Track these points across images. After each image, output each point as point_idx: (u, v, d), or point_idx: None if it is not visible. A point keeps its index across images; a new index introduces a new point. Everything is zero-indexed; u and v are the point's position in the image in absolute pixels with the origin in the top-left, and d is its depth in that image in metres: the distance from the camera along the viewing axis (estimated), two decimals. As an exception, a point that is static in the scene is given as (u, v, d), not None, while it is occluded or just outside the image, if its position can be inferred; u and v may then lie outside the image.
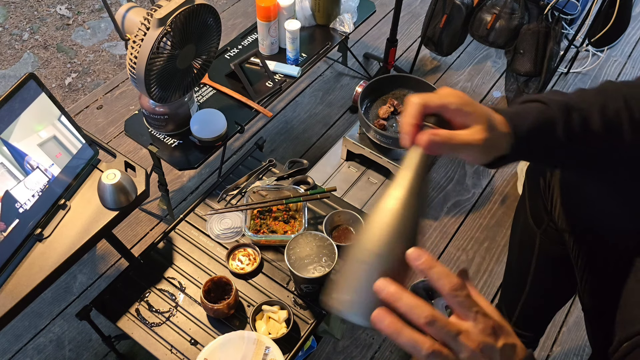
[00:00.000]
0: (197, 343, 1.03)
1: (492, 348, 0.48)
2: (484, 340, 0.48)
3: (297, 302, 1.10)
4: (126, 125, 1.39)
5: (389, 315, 0.48)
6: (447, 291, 0.48)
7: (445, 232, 1.61)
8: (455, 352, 0.47)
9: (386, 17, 2.30)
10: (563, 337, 1.43)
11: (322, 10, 1.64)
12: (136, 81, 1.14)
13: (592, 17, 1.75)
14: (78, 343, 1.36)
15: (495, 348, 0.48)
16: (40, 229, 1.04)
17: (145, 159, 1.72)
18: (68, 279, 1.47)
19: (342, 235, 1.20)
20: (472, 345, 0.47)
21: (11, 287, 0.97)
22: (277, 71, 1.54)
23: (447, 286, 0.49)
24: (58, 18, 2.30)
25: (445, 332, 0.47)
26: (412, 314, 0.47)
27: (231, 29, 2.20)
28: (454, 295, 0.48)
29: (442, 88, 0.60)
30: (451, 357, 0.47)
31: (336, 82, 2.04)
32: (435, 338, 0.47)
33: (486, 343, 0.48)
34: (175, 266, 1.15)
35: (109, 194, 1.07)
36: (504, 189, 1.73)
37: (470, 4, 1.80)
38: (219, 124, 1.33)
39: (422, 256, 0.51)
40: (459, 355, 0.47)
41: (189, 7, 1.10)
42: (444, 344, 0.47)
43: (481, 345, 0.47)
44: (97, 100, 1.94)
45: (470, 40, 2.18)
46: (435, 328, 0.47)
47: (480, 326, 0.48)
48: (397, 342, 0.47)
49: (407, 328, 0.47)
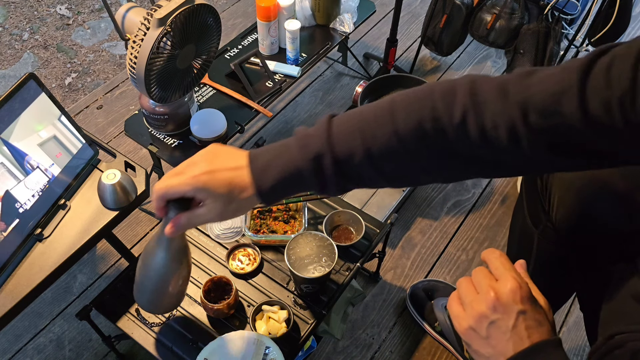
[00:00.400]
0: (197, 343, 1.03)
1: (485, 318, 0.58)
2: (482, 310, 0.58)
3: (297, 302, 1.10)
4: (126, 125, 1.39)
5: None
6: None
7: (445, 232, 1.61)
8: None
9: (386, 17, 2.30)
10: (563, 337, 1.43)
11: (322, 10, 1.64)
12: (136, 81, 1.14)
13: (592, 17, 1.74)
14: (78, 343, 1.36)
15: (489, 319, 0.58)
16: (40, 229, 1.04)
17: (145, 159, 1.72)
18: (68, 279, 1.47)
19: (342, 235, 1.20)
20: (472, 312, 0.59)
21: (11, 287, 0.97)
22: (277, 71, 1.54)
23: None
24: (58, 18, 2.30)
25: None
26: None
27: (231, 29, 2.20)
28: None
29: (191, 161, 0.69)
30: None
31: (336, 82, 2.04)
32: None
33: (482, 312, 0.58)
34: (175, 266, 1.15)
35: (109, 194, 1.07)
36: (504, 189, 1.73)
37: (470, 4, 1.80)
38: (219, 124, 1.33)
39: None
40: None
41: (189, 7, 1.10)
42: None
43: (475, 313, 0.59)
44: (97, 100, 1.94)
45: (470, 40, 2.18)
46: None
47: (483, 297, 0.58)
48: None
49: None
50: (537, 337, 0.56)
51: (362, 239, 1.18)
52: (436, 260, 1.55)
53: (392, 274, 1.51)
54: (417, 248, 1.57)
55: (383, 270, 1.52)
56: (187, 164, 0.67)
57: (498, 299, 0.57)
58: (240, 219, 1.20)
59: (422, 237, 1.60)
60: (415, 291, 1.42)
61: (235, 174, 0.65)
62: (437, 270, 1.53)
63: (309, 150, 0.63)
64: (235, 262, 1.14)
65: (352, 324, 1.41)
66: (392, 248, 1.56)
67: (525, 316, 0.56)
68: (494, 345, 0.58)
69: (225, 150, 0.68)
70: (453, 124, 0.59)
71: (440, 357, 1.36)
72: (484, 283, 0.59)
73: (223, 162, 0.66)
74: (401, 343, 1.39)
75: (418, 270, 1.53)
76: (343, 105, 1.96)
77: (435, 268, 1.53)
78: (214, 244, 1.18)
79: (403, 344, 1.38)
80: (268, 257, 1.16)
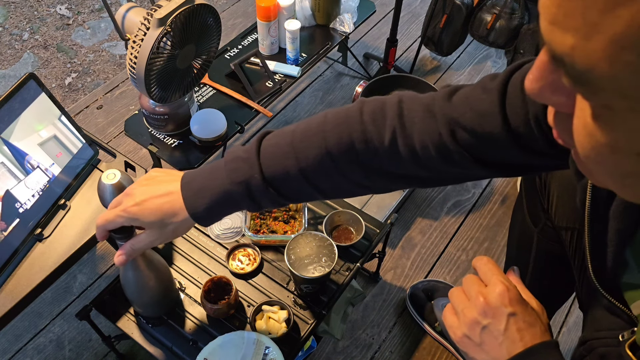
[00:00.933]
0: (197, 343, 1.03)
1: (477, 324, 0.58)
2: (473, 316, 0.58)
3: (297, 302, 1.10)
4: (126, 125, 1.39)
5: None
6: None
7: (445, 232, 1.61)
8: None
9: (386, 17, 2.30)
10: (563, 338, 1.43)
11: (322, 10, 1.64)
12: (136, 81, 1.14)
13: (592, 17, 1.75)
14: (78, 343, 1.36)
15: (480, 324, 0.58)
16: (40, 229, 1.04)
17: (145, 159, 1.72)
18: (68, 279, 1.47)
19: (342, 235, 1.20)
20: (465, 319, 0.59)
21: (11, 287, 0.97)
22: (277, 71, 1.54)
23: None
24: (58, 18, 2.30)
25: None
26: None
27: (231, 29, 2.20)
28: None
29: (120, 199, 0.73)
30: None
31: (336, 82, 2.04)
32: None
33: (473, 319, 0.58)
34: (175, 266, 1.15)
35: (109, 194, 1.07)
36: (504, 189, 1.73)
37: (470, 4, 1.80)
38: (219, 124, 1.33)
39: None
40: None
41: (189, 7, 1.10)
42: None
43: (468, 320, 0.59)
44: (97, 100, 1.94)
45: (470, 40, 2.18)
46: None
47: (473, 303, 0.59)
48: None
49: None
50: (529, 339, 0.56)
51: (362, 239, 1.18)
52: (436, 260, 1.55)
53: (392, 274, 1.51)
54: (417, 248, 1.57)
55: (383, 270, 1.52)
56: (124, 194, 0.72)
57: (487, 304, 0.57)
58: (240, 219, 1.20)
59: (422, 237, 1.60)
60: (414, 292, 1.42)
61: (164, 201, 0.68)
62: (437, 270, 1.53)
63: (238, 175, 0.65)
64: (235, 262, 1.14)
65: (352, 324, 1.41)
66: (392, 248, 1.56)
67: (516, 318, 0.57)
68: (488, 350, 0.58)
69: (160, 178, 0.71)
70: (384, 145, 0.61)
71: (440, 357, 1.36)
72: (473, 289, 0.60)
73: (155, 190, 0.69)
74: (401, 343, 1.39)
75: (418, 270, 1.53)
76: (343, 105, 1.96)
77: (435, 268, 1.53)
78: (214, 244, 1.18)
79: (403, 344, 1.38)
80: (268, 257, 1.16)
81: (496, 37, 1.79)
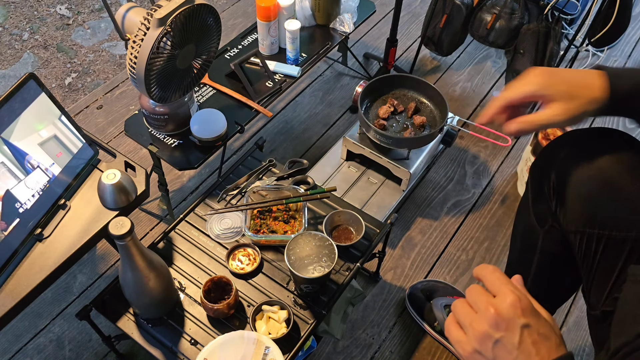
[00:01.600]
0: (197, 343, 1.03)
1: (489, 338, 0.54)
2: (484, 329, 0.54)
3: (297, 302, 1.10)
4: (126, 125, 1.39)
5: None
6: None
7: (445, 232, 1.61)
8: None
9: (386, 17, 2.30)
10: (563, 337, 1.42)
11: (322, 10, 1.64)
12: (136, 81, 1.14)
13: (592, 17, 1.75)
14: (78, 343, 1.36)
15: (492, 338, 0.54)
16: (40, 229, 1.04)
17: (145, 159, 1.72)
18: (68, 279, 1.47)
19: (342, 235, 1.20)
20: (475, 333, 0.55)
21: (11, 287, 0.97)
22: (277, 71, 1.54)
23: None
24: (58, 18, 2.30)
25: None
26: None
27: (231, 29, 2.20)
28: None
29: (530, 71, 0.71)
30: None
31: (336, 82, 2.04)
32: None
33: (484, 332, 0.54)
34: (175, 266, 1.15)
35: (109, 194, 1.07)
36: (504, 189, 1.73)
37: (470, 4, 1.80)
38: (219, 124, 1.33)
39: None
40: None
41: (189, 7, 1.10)
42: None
43: (478, 334, 0.55)
44: (97, 100, 1.94)
45: (470, 40, 2.18)
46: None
47: (483, 315, 0.55)
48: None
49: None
50: (545, 353, 0.53)
51: (362, 239, 1.18)
52: (436, 260, 1.55)
53: (392, 274, 1.51)
54: (417, 248, 1.57)
55: (383, 270, 1.52)
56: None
57: (499, 315, 0.54)
58: (240, 219, 1.20)
59: (422, 237, 1.60)
60: (413, 292, 1.42)
61: (581, 75, 0.69)
62: (437, 270, 1.53)
63: None
64: (235, 262, 1.14)
65: (352, 324, 1.41)
66: (392, 248, 1.56)
67: (530, 330, 0.54)
68: None
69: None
70: None
71: (440, 357, 1.37)
72: (481, 300, 0.56)
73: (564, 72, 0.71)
74: (401, 343, 1.39)
75: (418, 270, 1.53)
76: (343, 105, 1.96)
77: (435, 268, 1.53)
78: (214, 244, 1.18)
79: (403, 344, 1.38)
80: (268, 257, 1.16)
81: (496, 37, 1.79)
